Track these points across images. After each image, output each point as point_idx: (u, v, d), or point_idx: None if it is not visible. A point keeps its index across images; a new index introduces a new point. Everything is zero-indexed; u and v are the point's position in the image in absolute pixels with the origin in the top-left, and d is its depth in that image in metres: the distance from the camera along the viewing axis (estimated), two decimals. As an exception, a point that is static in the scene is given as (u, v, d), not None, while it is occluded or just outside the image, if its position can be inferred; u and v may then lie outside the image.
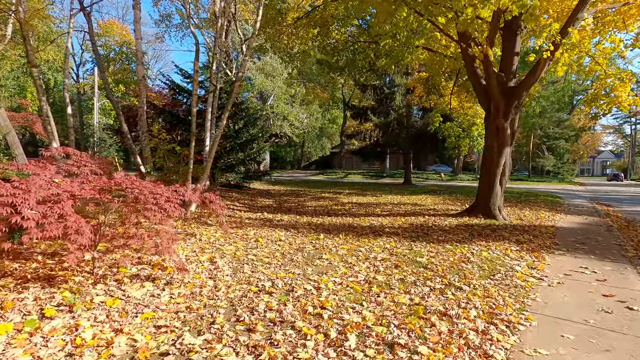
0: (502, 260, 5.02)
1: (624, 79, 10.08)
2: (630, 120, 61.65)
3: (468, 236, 6.67)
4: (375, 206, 11.59)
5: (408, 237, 6.50)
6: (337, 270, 4.34)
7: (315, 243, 5.86)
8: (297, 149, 56.50)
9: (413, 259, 4.91)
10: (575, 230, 7.74)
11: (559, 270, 4.65)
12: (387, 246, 5.72)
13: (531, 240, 6.39)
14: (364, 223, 8.11)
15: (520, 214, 10.08)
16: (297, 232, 6.77)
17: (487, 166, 8.96)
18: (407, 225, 7.91)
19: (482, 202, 8.98)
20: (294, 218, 8.72)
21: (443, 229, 7.37)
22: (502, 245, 5.93)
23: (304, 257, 4.98)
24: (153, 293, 3.25)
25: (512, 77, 8.74)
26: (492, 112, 8.75)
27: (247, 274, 4.06)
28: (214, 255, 4.77)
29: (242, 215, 8.83)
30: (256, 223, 7.74)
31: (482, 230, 7.29)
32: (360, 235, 6.62)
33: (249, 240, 5.91)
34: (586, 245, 6.20)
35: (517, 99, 8.52)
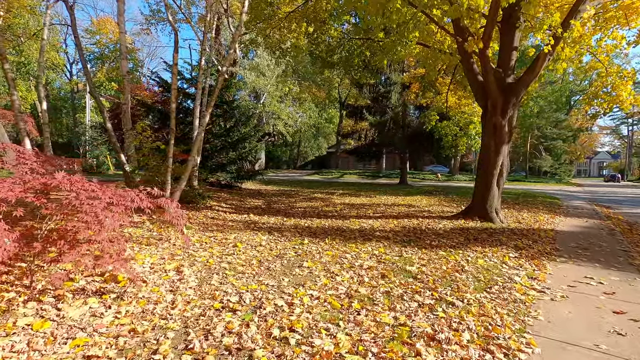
0: (499, 269, 4.59)
1: (625, 77, 9.72)
2: (627, 121, 61.56)
3: (463, 241, 6.25)
4: (367, 207, 11.16)
5: (399, 242, 6.07)
6: (316, 281, 3.90)
7: (298, 248, 5.42)
8: (293, 148, 56.02)
9: (402, 268, 4.47)
10: (577, 235, 7.34)
11: (562, 280, 4.23)
12: (376, 252, 5.29)
13: (530, 246, 5.97)
14: (353, 226, 7.67)
15: (518, 216, 9.67)
16: (281, 236, 6.33)
17: (484, 166, 8.55)
18: (399, 228, 7.48)
19: (479, 204, 8.56)
20: (280, 220, 8.28)
21: (437, 233, 6.94)
22: (500, 252, 5.51)
23: (282, 265, 4.54)
24: (96, 312, 2.80)
25: (511, 73, 8.32)
26: (490, 109, 8.33)
27: (214, 286, 3.62)
28: (182, 264, 4.32)
29: (226, 217, 8.38)
30: (240, 225, 7.29)
31: (478, 234, 6.87)
32: (348, 240, 6.18)
33: (227, 246, 5.46)
34: (589, 252, 5.79)
35: (516, 96, 8.11)
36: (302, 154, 57.55)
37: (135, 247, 5.02)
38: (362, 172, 40.29)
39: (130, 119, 11.12)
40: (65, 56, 44.87)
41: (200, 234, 6.24)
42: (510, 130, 8.47)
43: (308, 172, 44.31)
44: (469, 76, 9.05)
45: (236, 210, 9.53)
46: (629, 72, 9.75)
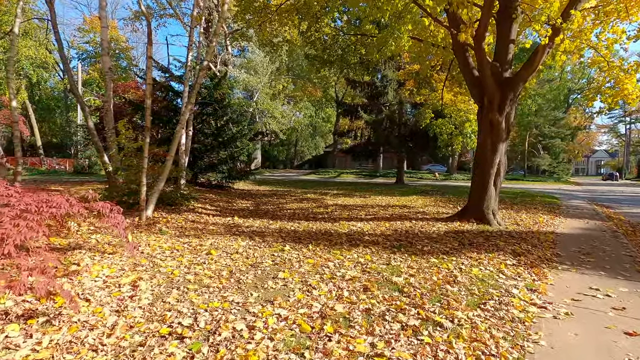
0: (495, 279, 4.15)
1: (629, 70, 9.31)
2: (625, 120, 61.36)
3: (457, 246, 5.81)
4: (360, 209, 10.72)
5: (388, 248, 5.63)
6: (289, 297, 3.45)
7: (278, 256, 4.97)
8: (290, 148, 55.53)
9: (388, 279, 4.03)
10: (578, 238, 6.91)
11: (565, 292, 3.80)
12: (361, 260, 4.85)
13: (529, 251, 5.54)
14: (342, 229, 7.23)
15: (516, 217, 9.25)
16: (262, 242, 5.89)
17: (480, 165, 8.12)
18: (390, 231, 7.04)
19: (475, 205, 8.13)
20: (266, 223, 7.83)
21: (430, 237, 6.50)
22: (497, 258, 5.07)
23: (256, 276, 4.09)
24: (11, 342, 2.35)
25: (508, 67, 7.89)
26: (486, 105, 7.90)
27: (169, 304, 3.17)
28: (142, 276, 3.87)
29: (208, 220, 7.92)
30: (220, 230, 6.84)
31: (474, 238, 6.43)
32: (334, 245, 5.74)
33: (200, 253, 5.01)
34: (593, 257, 5.36)
35: (513, 91, 7.68)
36: (299, 154, 57.06)
37: (96, 256, 4.57)
38: (359, 171, 39.87)
39: (113, 118, 10.68)
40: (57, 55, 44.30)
41: (174, 239, 5.78)
42: (508, 127, 8.04)
43: (305, 171, 43.86)
44: (464, 71, 8.62)
45: (221, 213, 9.07)
46: (632, 65, 9.34)
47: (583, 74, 49.21)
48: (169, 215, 7.82)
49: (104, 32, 10.64)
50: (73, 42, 41.85)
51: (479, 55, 7.49)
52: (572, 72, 49.58)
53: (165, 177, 7.32)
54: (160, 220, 7.20)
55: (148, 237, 5.87)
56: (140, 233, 6.10)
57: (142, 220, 6.84)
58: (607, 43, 9.57)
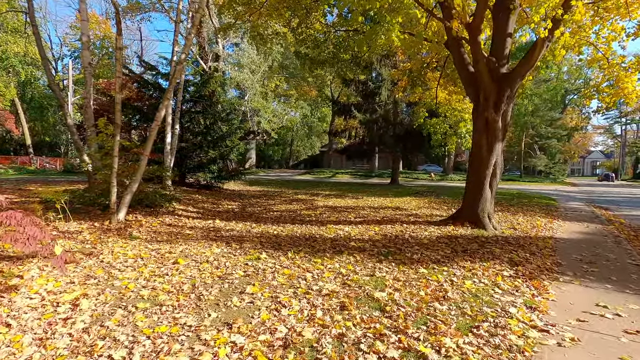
0: (490, 294, 3.70)
1: (629, 69, 8.92)
2: (620, 121, 61.32)
3: (450, 253, 5.37)
4: (351, 211, 10.27)
5: (375, 255, 5.17)
6: (253, 317, 2.99)
7: (251, 266, 4.51)
8: (286, 147, 55.06)
9: (370, 294, 3.57)
10: (579, 243, 6.49)
11: (569, 311, 3.36)
12: (343, 270, 4.39)
13: (528, 260, 5.10)
14: (328, 234, 6.77)
15: (513, 220, 8.83)
16: (239, 248, 5.42)
17: (475, 166, 7.68)
18: (379, 236, 6.59)
19: (469, 208, 7.70)
20: (248, 227, 7.36)
21: (421, 243, 6.06)
22: (492, 268, 4.63)
23: (221, 290, 3.63)
24: None
25: (505, 63, 7.46)
26: (481, 102, 7.46)
27: (106, 329, 2.69)
28: (87, 292, 3.39)
29: (187, 223, 7.44)
30: (197, 234, 6.36)
31: (468, 244, 5.99)
32: (316, 253, 5.28)
33: (166, 262, 4.53)
34: (597, 267, 4.93)
35: (510, 87, 7.25)
36: (295, 153, 56.58)
37: (47, 266, 4.08)
38: (354, 171, 39.46)
39: (94, 116, 10.19)
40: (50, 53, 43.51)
41: (143, 246, 5.30)
42: (504, 126, 7.61)
43: (300, 171, 43.36)
44: (459, 67, 8.18)
45: (203, 215, 8.59)
46: (633, 63, 8.96)
47: (580, 74, 49.09)
48: (144, 218, 7.33)
49: (83, 26, 10.14)
50: (65, 39, 41.11)
51: (475, 49, 7.06)
52: (568, 72, 49.41)
53: (139, 178, 6.83)
54: (133, 223, 6.70)
55: (115, 243, 5.38)
56: (107, 238, 5.61)
57: (113, 224, 6.35)
58: (606, 39, 9.19)
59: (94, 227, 6.18)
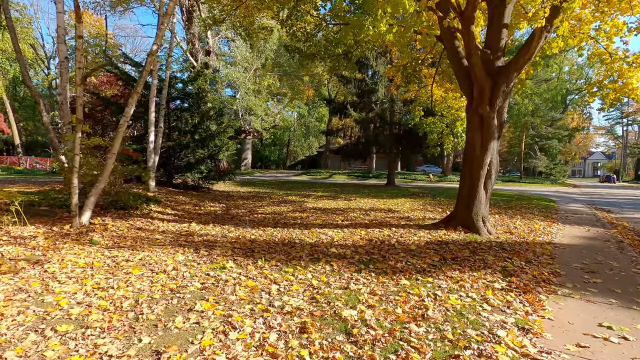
0: (478, 312, 3.22)
1: (633, 63, 8.45)
2: (622, 121, 60.87)
3: (438, 261, 4.88)
4: (340, 213, 9.79)
5: (355, 264, 4.69)
6: (192, 343, 2.51)
7: (213, 276, 4.03)
8: (283, 148, 54.54)
9: (338, 313, 3.09)
10: (580, 250, 6.00)
11: (568, 333, 2.88)
12: (315, 282, 3.91)
13: (523, 269, 4.61)
14: (309, 239, 6.29)
15: (509, 224, 8.34)
16: (207, 255, 4.94)
17: (469, 166, 7.20)
18: (364, 241, 6.11)
19: (463, 211, 7.21)
20: (225, 231, 6.88)
21: (408, 249, 5.58)
22: (483, 279, 4.14)
23: (167, 308, 3.15)
24: None
25: (501, 55, 6.98)
26: (475, 97, 6.98)
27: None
28: (4, 312, 2.91)
29: (160, 227, 6.96)
30: (166, 239, 5.88)
31: (459, 251, 5.51)
32: (291, 260, 4.80)
33: (118, 272, 4.05)
34: (599, 277, 4.44)
35: (506, 81, 6.77)
36: (292, 154, 56.09)
37: (-22, 277, 3.60)
38: (351, 172, 38.93)
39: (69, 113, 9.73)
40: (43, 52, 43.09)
41: (99, 253, 4.81)
42: (500, 123, 7.13)
43: (296, 172, 42.86)
44: (452, 61, 7.71)
45: (180, 218, 8.11)
46: (637, 57, 8.49)
47: (581, 74, 48.64)
48: (113, 222, 6.85)
49: (59, 19, 9.69)
50: (58, 37, 40.54)
51: (467, 40, 6.58)
52: (570, 72, 48.97)
53: (106, 178, 6.35)
54: (98, 227, 6.22)
55: (69, 249, 4.90)
56: (63, 244, 5.13)
57: (74, 228, 5.87)
58: (608, 34, 8.73)
59: (52, 232, 5.70)
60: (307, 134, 53.48)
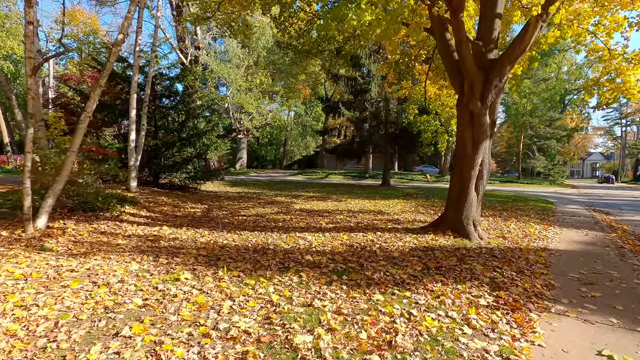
0: (456, 337, 2.75)
1: (632, 60, 8.02)
2: (620, 122, 60.49)
3: (420, 271, 4.41)
4: (327, 215, 9.32)
5: (327, 274, 4.22)
6: (96, 384, 2.04)
7: (161, 290, 3.55)
8: (279, 147, 54.03)
9: (289, 340, 2.61)
10: (577, 257, 5.54)
11: (561, 366, 2.41)
12: (275, 297, 3.43)
13: (514, 280, 4.14)
14: (285, 244, 5.82)
15: (503, 228, 7.87)
16: (166, 264, 4.46)
17: (459, 165, 6.73)
18: (343, 247, 5.64)
19: (452, 214, 6.75)
20: (197, 235, 6.41)
21: (390, 256, 5.11)
22: (467, 293, 3.68)
23: (90, 332, 2.67)
24: None
25: (493, 47, 6.51)
26: (466, 92, 6.51)
27: None
28: None
29: (127, 230, 6.48)
30: (129, 245, 5.41)
31: (445, 258, 5.03)
32: (257, 270, 4.33)
33: (54, 286, 3.58)
34: (598, 289, 3.98)
35: (499, 75, 6.30)
36: (289, 153, 55.55)
37: None
38: (347, 172, 38.46)
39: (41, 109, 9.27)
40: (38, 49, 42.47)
41: (44, 262, 4.33)
42: (493, 120, 6.66)
43: (292, 172, 42.35)
44: (443, 54, 7.25)
45: (153, 221, 7.63)
46: (637, 54, 8.05)
47: (580, 74, 48.21)
48: (75, 225, 6.36)
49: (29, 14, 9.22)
50: (50, 34, 40.02)
51: (457, 29, 6.11)
52: (568, 72, 48.54)
53: (64, 178, 5.86)
54: (55, 232, 5.73)
55: (13, 257, 4.42)
56: (8, 251, 4.65)
57: (27, 233, 5.39)
58: (608, 28, 8.28)
59: (0, 237, 5.22)
60: (304, 134, 52.97)
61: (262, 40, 19.71)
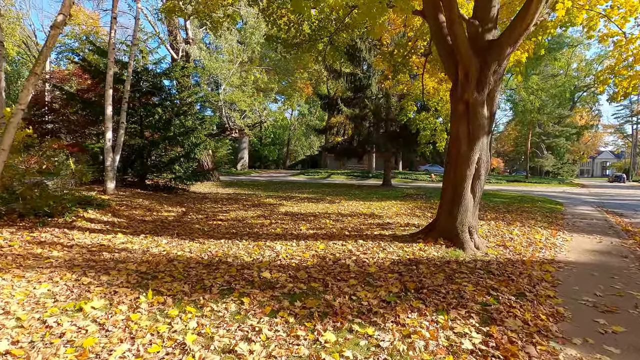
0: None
1: (651, 45, 7.10)
2: (631, 120, 58.80)
3: (395, 294, 3.56)
4: (311, 219, 8.49)
5: (279, 298, 3.40)
6: None
7: (47, 326, 2.76)
8: (282, 147, 53.27)
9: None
10: (590, 272, 4.64)
11: None
12: (189, 339, 2.60)
13: (511, 309, 3.27)
14: (248, 255, 5.00)
15: (505, 234, 6.97)
16: (85, 284, 3.67)
17: (452, 164, 5.86)
18: (314, 260, 4.81)
19: (445, 219, 5.87)
20: (152, 244, 5.63)
21: (364, 272, 4.26)
22: (447, 330, 2.82)
23: None
24: None
25: (492, 27, 5.63)
26: (461, 80, 5.64)
27: None
28: None
29: (75, 238, 5.72)
30: (64, 257, 4.64)
31: (431, 275, 4.17)
32: (195, 292, 3.52)
33: None
34: (619, 321, 3.09)
35: (498, 58, 5.42)
36: (292, 153, 54.76)
37: None
38: (350, 172, 37.54)
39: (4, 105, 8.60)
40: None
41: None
42: (491, 112, 5.77)
43: (295, 172, 41.55)
44: (437, 40, 6.38)
45: (111, 227, 6.86)
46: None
47: (590, 70, 46.73)
48: (11, 234, 5.61)
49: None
50: (49, 33, 39.54)
51: (448, 5, 5.24)
52: (578, 69, 47.12)
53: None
54: (-19, 241, 4.99)
55: None
56: None
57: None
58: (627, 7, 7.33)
59: None
60: (307, 133, 52.15)
61: (257, 35, 18.90)
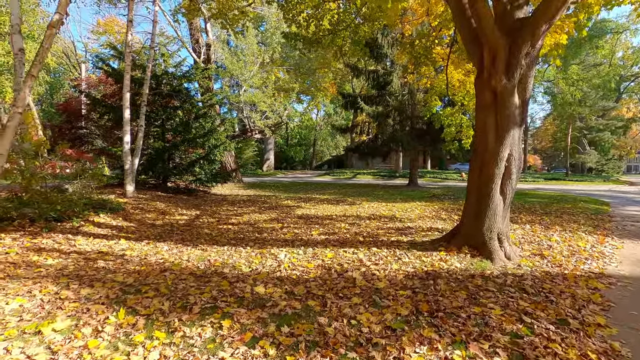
0: None
1: None
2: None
3: (404, 318, 2.98)
4: (327, 223, 7.98)
5: (265, 321, 2.91)
6: None
7: (-3, 353, 2.42)
8: (309, 148, 53.05)
9: None
10: (651, 290, 3.84)
11: None
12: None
13: (549, 343, 2.60)
14: (247, 265, 4.57)
15: (543, 240, 6.15)
16: (67, 299, 3.36)
17: (478, 161, 5.16)
18: (319, 271, 4.30)
19: (470, 224, 5.18)
20: (153, 250, 5.33)
21: (371, 288, 3.70)
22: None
23: None
24: None
25: (524, 4, 4.90)
26: (487, 65, 4.94)
27: None
28: None
29: (76, 244, 5.51)
30: (57, 265, 4.39)
31: (450, 293, 3.55)
32: (174, 311, 3.11)
33: None
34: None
35: (531, 39, 4.67)
36: (319, 154, 54.39)
37: None
38: (377, 172, 36.66)
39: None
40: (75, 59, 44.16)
41: None
42: (523, 101, 5.02)
43: (320, 172, 41.12)
44: (458, 23, 5.68)
45: (117, 232, 6.65)
46: None
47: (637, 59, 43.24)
48: (13, 240, 5.47)
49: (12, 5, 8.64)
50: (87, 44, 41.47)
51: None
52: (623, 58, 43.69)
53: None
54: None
55: None
56: None
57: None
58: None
59: None
60: (333, 133, 51.63)
61: (277, 35, 18.64)
